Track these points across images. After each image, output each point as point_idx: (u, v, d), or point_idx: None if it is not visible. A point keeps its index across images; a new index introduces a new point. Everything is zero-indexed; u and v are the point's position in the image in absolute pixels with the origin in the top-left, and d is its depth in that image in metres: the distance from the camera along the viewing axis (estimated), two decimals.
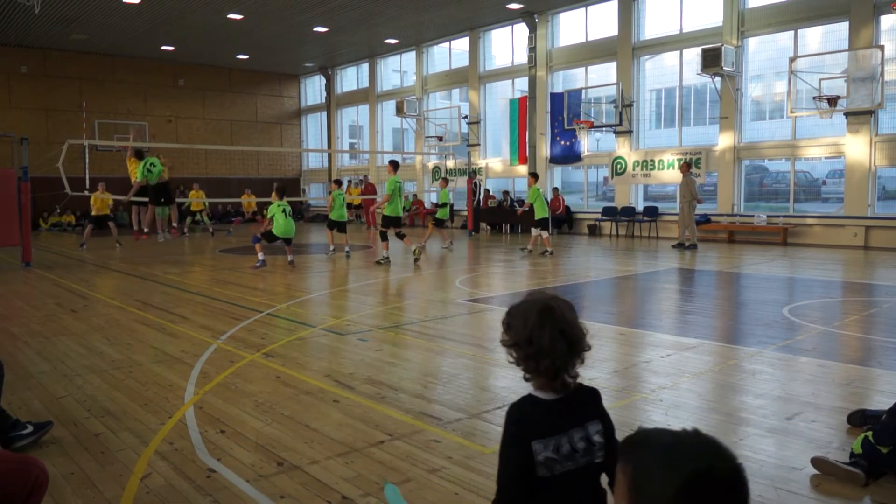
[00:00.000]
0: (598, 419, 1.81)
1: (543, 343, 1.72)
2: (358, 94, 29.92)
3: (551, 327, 1.74)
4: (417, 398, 4.72)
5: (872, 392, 4.86)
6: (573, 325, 1.76)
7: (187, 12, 20.69)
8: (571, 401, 1.78)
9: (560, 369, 1.74)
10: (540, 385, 1.78)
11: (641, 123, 19.74)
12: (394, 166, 13.27)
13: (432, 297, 9.33)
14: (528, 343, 1.74)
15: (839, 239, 15.74)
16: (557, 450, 1.72)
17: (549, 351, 1.72)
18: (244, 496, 3.26)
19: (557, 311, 1.78)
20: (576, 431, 1.76)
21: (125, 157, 16.15)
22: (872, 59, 14.40)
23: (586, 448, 1.75)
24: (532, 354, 1.73)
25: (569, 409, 1.77)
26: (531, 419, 1.74)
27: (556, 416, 1.75)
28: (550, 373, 1.74)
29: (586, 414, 1.79)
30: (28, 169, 13.08)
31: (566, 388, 1.78)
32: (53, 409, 4.55)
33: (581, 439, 1.75)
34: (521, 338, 1.76)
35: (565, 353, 1.73)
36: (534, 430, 1.72)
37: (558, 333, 1.73)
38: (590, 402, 1.82)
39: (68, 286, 10.56)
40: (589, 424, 1.78)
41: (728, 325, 7.46)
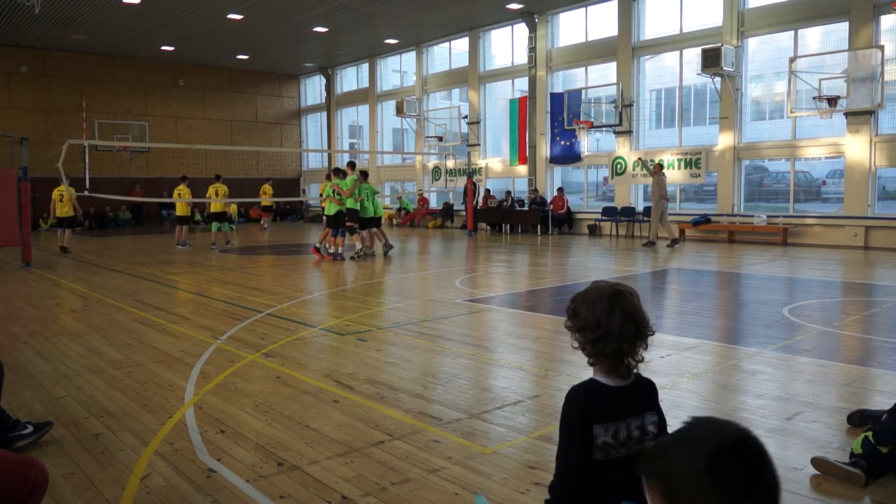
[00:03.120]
0: (655, 411, 1.86)
1: (613, 326, 1.77)
2: (358, 94, 29.92)
3: (621, 311, 1.79)
4: (417, 398, 4.72)
5: (872, 392, 4.86)
6: (639, 309, 1.82)
7: (187, 12, 20.69)
8: (632, 389, 1.82)
9: (626, 353, 1.79)
10: (605, 370, 1.81)
11: (641, 123, 19.73)
12: (351, 166, 13.98)
13: (432, 297, 9.33)
14: (596, 326, 1.79)
15: (839, 239, 15.73)
16: (616, 435, 1.75)
17: (617, 334, 1.77)
18: (244, 496, 3.26)
19: (626, 296, 1.83)
20: (633, 420, 1.80)
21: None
22: (872, 59, 14.40)
23: (639, 437, 1.79)
24: (600, 337, 1.78)
25: (629, 397, 1.81)
26: (594, 403, 1.78)
27: (618, 403, 1.78)
28: (617, 356, 1.78)
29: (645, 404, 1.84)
30: (28, 169, 13.08)
31: (629, 375, 1.82)
32: (53, 410, 4.55)
33: (637, 428, 1.79)
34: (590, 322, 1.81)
35: (633, 337, 1.78)
36: (596, 413, 1.76)
37: (627, 317, 1.78)
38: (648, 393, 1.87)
39: (68, 286, 10.57)
40: (646, 414, 1.84)
41: (728, 325, 7.46)
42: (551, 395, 4.79)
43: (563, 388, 4.90)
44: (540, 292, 9.81)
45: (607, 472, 1.75)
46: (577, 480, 1.74)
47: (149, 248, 17.18)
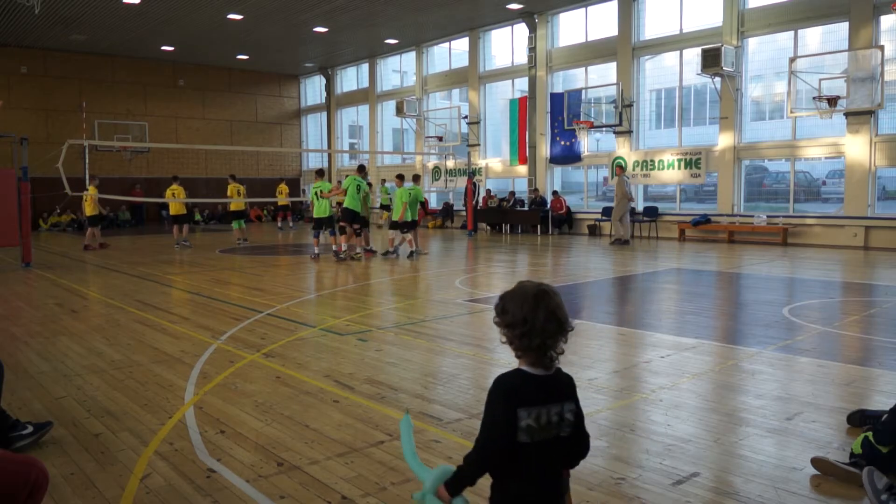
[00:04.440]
0: (573, 401, 2.05)
1: (538, 323, 1.95)
2: (358, 95, 29.93)
3: (545, 309, 1.97)
4: (417, 398, 4.72)
5: (872, 392, 4.86)
6: (561, 307, 2.01)
7: (187, 12, 20.69)
8: (553, 379, 2.03)
9: (549, 347, 1.99)
10: (530, 362, 2.01)
11: (641, 124, 19.74)
12: (360, 170, 14.32)
13: (432, 297, 9.33)
14: (523, 323, 1.96)
15: (839, 239, 15.74)
16: (538, 419, 1.95)
17: (541, 330, 1.95)
18: (244, 496, 3.26)
19: (550, 296, 2.02)
20: (553, 406, 1.99)
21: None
22: (872, 60, 14.40)
23: (558, 422, 1.98)
24: (526, 332, 1.96)
25: (551, 386, 2.01)
26: (519, 388, 1.97)
27: (540, 390, 1.98)
28: (541, 350, 1.97)
29: (564, 393, 2.03)
30: (28, 169, 13.08)
31: (551, 366, 2.02)
32: (53, 410, 4.55)
33: (556, 414, 1.98)
34: (518, 319, 1.98)
35: (555, 332, 1.98)
36: (521, 398, 1.95)
37: (551, 314, 1.97)
38: (567, 385, 2.07)
39: (68, 286, 10.57)
40: (565, 403, 2.02)
41: (728, 325, 7.46)
42: None
43: None
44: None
45: (530, 453, 1.95)
46: (493, 457, 1.95)
47: (149, 248, 17.19)
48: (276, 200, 24.68)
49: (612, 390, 4.86)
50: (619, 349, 6.36)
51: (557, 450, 2.00)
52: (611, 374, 5.30)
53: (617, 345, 6.55)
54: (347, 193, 13.73)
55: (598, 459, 3.61)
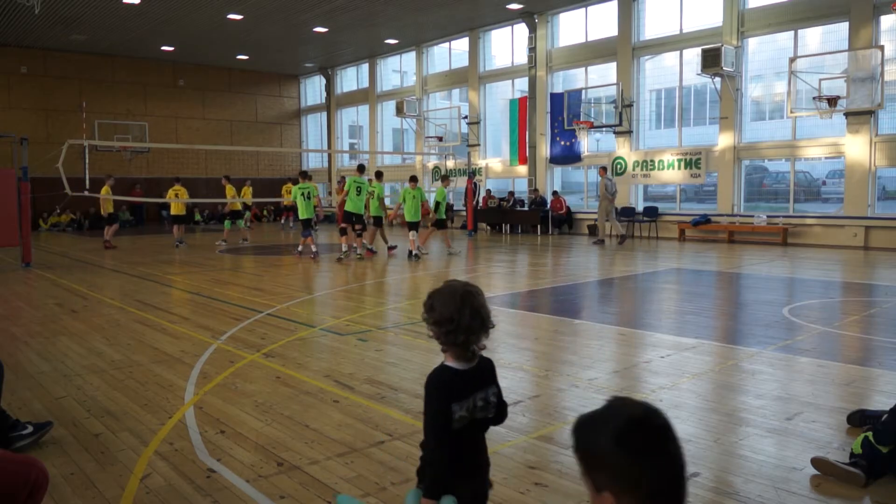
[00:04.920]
0: (494, 384, 2.27)
1: (463, 321, 2.11)
2: (358, 95, 29.92)
3: (470, 308, 2.12)
4: (417, 398, 4.72)
5: (872, 392, 4.86)
6: (484, 306, 2.16)
7: (187, 12, 20.69)
8: (476, 370, 2.21)
9: (472, 342, 2.16)
10: (454, 356, 2.17)
11: (641, 124, 19.73)
12: (359, 170, 14.50)
13: None
14: (449, 321, 2.11)
15: (839, 239, 15.73)
16: (468, 409, 2.16)
17: (466, 327, 2.11)
18: (244, 496, 3.26)
19: (474, 295, 2.16)
20: (479, 393, 2.20)
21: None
22: (872, 60, 14.39)
23: (484, 406, 2.21)
24: (452, 330, 2.11)
25: (475, 376, 2.20)
26: (449, 385, 2.15)
27: (467, 383, 2.17)
28: (465, 345, 2.14)
29: (487, 380, 2.24)
30: (28, 169, 13.08)
31: (474, 359, 2.20)
32: (53, 410, 4.55)
33: (482, 399, 2.20)
34: (444, 316, 2.13)
35: (478, 329, 2.14)
36: (453, 394, 2.14)
37: (475, 313, 2.13)
38: (489, 371, 2.26)
39: (68, 286, 10.57)
40: (489, 388, 2.24)
41: (728, 325, 7.46)
42: (551, 396, 4.79)
43: (563, 388, 4.91)
44: (540, 292, 9.81)
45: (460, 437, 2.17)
46: (445, 444, 2.15)
47: (149, 248, 17.19)
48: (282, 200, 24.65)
49: (612, 390, 4.86)
50: (619, 349, 6.36)
51: (484, 427, 2.29)
52: (611, 374, 5.30)
53: (617, 345, 6.55)
54: (348, 195, 13.95)
55: None
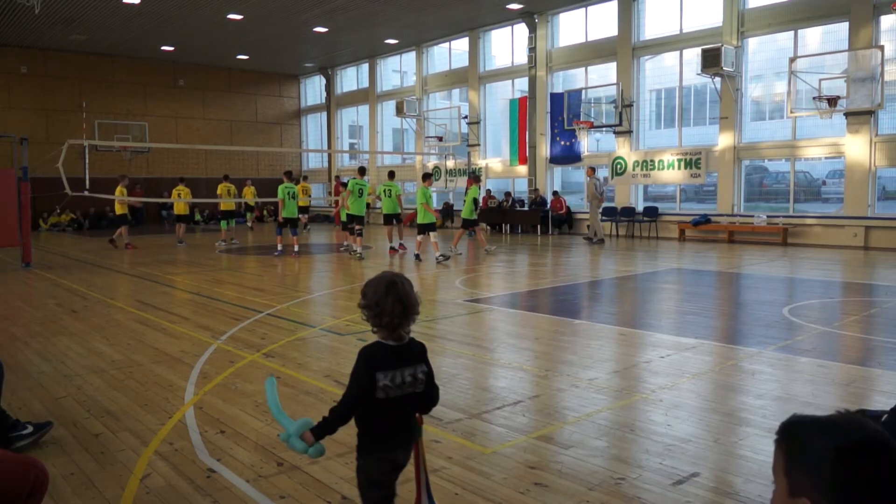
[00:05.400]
0: (424, 364, 2.53)
1: (387, 306, 2.42)
2: (358, 95, 29.92)
3: (394, 295, 2.42)
4: None
5: (872, 392, 4.86)
6: (409, 295, 2.45)
7: (187, 12, 20.69)
8: (406, 348, 2.50)
9: (398, 325, 2.45)
10: (384, 336, 2.48)
11: (641, 123, 19.73)
12: (360, 172, 14.91)
13: (432, 297, 9.33)
14: (376, 306, 2.44)
15: (839, 239, 15.73)
16: (393, 380, 2.42)
17: (390, 312, 2.42)
18: (244, 496, 3.26)
19: (399, 285, 2.46)
20: (407, 369, 2.47)
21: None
22: (872, 60, 14.39)
23: (412, 382, 2.47)
24: (378, 314, 2.44)
25: (404, 354, 2.49)
26: (377, 356, 2.45)
27: (394, 357, 2.46)
28: (391, 327, 2.45)
29: (416, 359, 2.51)
30: (28, 169, 13.08)
31: (403, 339, 2.49)
32: (53, 410, 4.55)
33: (409, 375, 2.47)
34: (372, 302, 2.44)
35: (402, 314, 2.43)
36: (378, 363, 2.43)
37: (398, 300, 2.42)
38: (418, 352, 2.54)
39: (68, 286, 10.57)
40: (417, 366, 2.50)
41: (728, 325, 7.46)
42: (551, 396, 4.79)
43: (564, 388, 4.91)
44: (540, 292, 9.81)
45: (387, 407, 2.43)
46: (354, 409, 2.46)
47: (149, 248, 17.18)
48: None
49: (612, 390, 4.86)
50: (619, 349, 6.36)
51: (412, 402, 2.51)
52: (611, 374, 5.30)
53: (617, 345, 6.55)
54: (351, 197, 14.27)
55: (598, 459, 3.61)
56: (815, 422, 1.20)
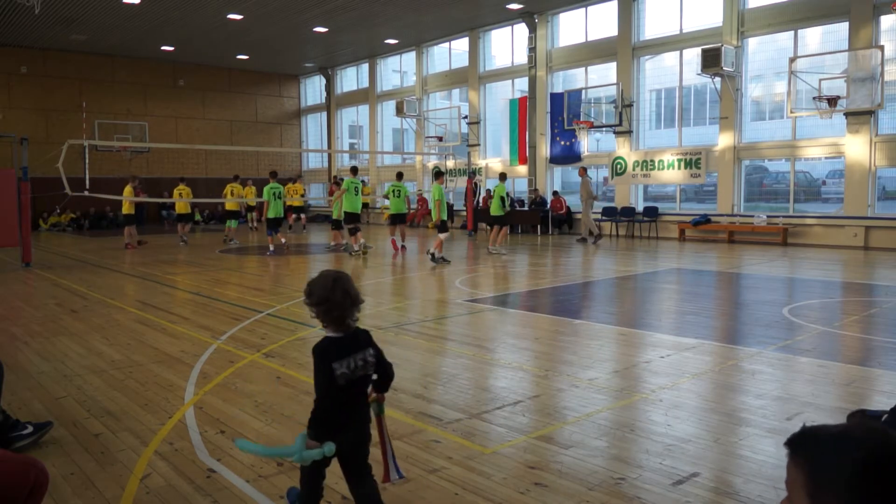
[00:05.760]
0: (371, 347, 2.80)
1: (336, 300, 2.67)
2: (358, 95, 29.92)
3: (341, 290, 2.68)
4: (417, 398, 4.72)
5: (872, 392, 4.86)
6: (353, 288, 2.74)
7: (187, 12, 20.69)
8: (353, 336, 2.76)
9: (346, 317, 2.72)
10: (333, 329, 2.74)
11: (641, 124, 19.73)
12: (353, 171, 15.44)
13: (432, 297, 9.33)
14: (325, 301, 2.67)
15: (839, 239, 15.73)
16: (348, 367, 2.68)
17: (339, 305, 2.68)
18: (244, 496, 3.26)
19: (343, 280, 2.73)
20: (357, 354, 2.73)
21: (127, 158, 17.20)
22: (872, 60, 14.39)
23: (364, 365, 2.74)
24: (328, 309, 2.68)
25: (352, 342, 2.75)
26: (330, 349, 2.69)
27: (345, 346, 2.71)
28: (340, 320, 2.71)
29: (363, 344, 2.78)
30: (28, 169, 13.08)
31: (349, 329, 2.75)
32: (53, 410, 4.55)
33: (360, 359, 2.73)
34: (321, 298, 2.68)
35: (349, 307, 2.71)
36: (333, 356, 2.67)
37: (345, 293, 2.69)
38: (365, 337, 2.82)
39: (68, 286, 10.57)
40: (366, 350, 2.77)
41: (728, 325, 7.46)
42: (551, 396, 4.79)
43: (564, 388, 4.91)
44: (540, 292, 9.81)
45: (345, 389, 2.69)
46: (331, 398, 2.69)
47: (149, 248, 17.18)
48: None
49: (612, 390, 4.86)
50: (619, 349, 6.36)
51: (365, 384, 2.79)
52: (611, 374, 5.30)
53: (617, 345, 6.55)
54: (346, 195, 14.59)
55: (598, 459, 3.61)
56: (834, 436, 1.15)
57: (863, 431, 1.14)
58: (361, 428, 2.79)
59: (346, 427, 2.72)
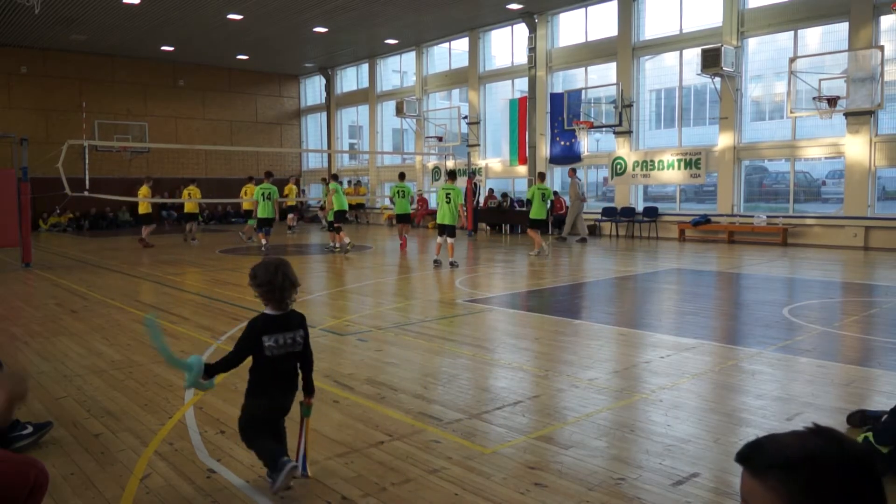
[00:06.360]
0: (302, 329, 3.33)
1: (277, 283, 3.19)
2: (358, 95, 29.92)
3: (282, 274, 3.20)
4: (417, 398, 4.72)
5: (872, 392, 4.86)
6: (292, 273, 3.26)
7: (187, 12, 20.69)
8: (287, 316, 3.28)
9: (285, 297, 3.24)
10: (272, 308, 3.25)
11: (641, 124, 19.73)
12: (334, 178, 16.48)
13: (432, 297, 9.33)
14: (268, 283, 3.19)
15: (839, 239, 15.73)
16: (276, 342, 3.21)
17: (280, 287, 3.20)
18: (244, 496, 3.26)
19: (284, 265, 3.24)
20: (288, 333, 3.26)
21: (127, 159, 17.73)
22: (872, 60, 14.39)
23: (292, 343, 3.27)
24: (270, 290, 3.21)
25: (286, 321, 3.27)
26: (263, 323, 3.23)
27: (278, 324, 3.25)
28: (279, 300, 3.23)
29: (295, 325, 3.30)
30: (28, 169, 13.08)
31: (286, 308, 3.27)
32: (53, 410, 4.55)
33: (290, 338, 3.26)
34: (264, 281, 3.20)
35: (288, 288, 3.23)
36: (264, 330, 3.21)
37: (285, 277, 3.21)
38: (297, 319, 3.32)
39: (68, 286, 10.57)
40: (297, 331, 3.29)
41: (728, 325, 7.46)
42: (551, 396, 4.79)
43: (564, 389, 4.91)
44: (540, 292, 9.81)
45: (273, 362, 3.23)
46: (235, 363, 3.23)
47: (149, 249, 17.18)
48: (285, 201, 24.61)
49: (612, 390, 4.86)
50: (619, 349, 6.36)
51: (293, 359, 3.32)
52: (611, 374, 5.30)
53: (617, 345, 6.55)
54: (335, 196, 15.36)
55: (597, 459, 3.61)
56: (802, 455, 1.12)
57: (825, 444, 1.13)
58: (285, 396, 3.32)
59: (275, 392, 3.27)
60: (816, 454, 1.12)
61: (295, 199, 24.44)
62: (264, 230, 15.84)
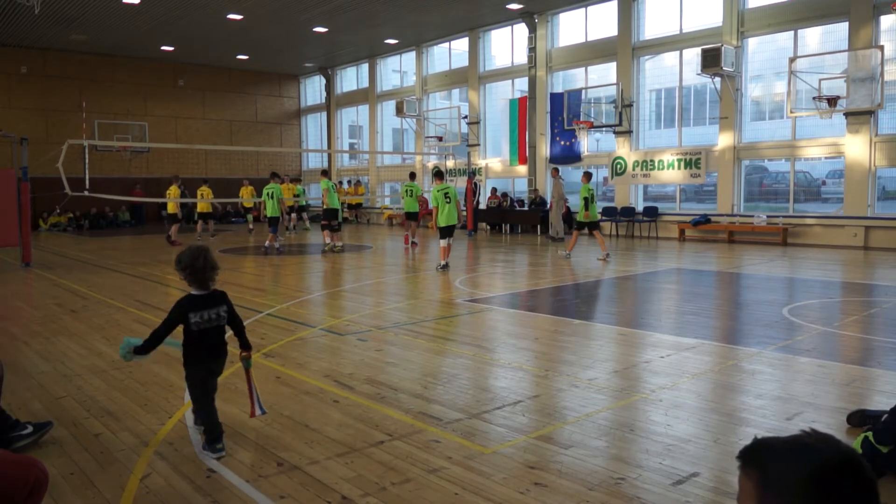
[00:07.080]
0: (225, 305, 3.83)
1: (199, 265, 3.69)
2: (358, 95, 29.92)
3: (203, 259, 3.70)
4: (417, 398, 4.72)
5: (872, 392, 4.86)
6: (212, 258, 3.75)
7: (187, 12, 20.69)
8: (210, 295, 3.78)
9: (207, 279, 3.73)
10: (195, 288, 3.74)
11: (641, 124, 19.73)
12: (323, 173, 16.36)
13: (432, 297, 9.33)
14: (191, 267, 3.68)
15: (839, 239, 15.74)
16: (202, 317, 3.72)
17: (201, 270, 3.70)
18: (244, 496, 3.26)
19: (206, 251, 3.74)
20: (211, 309, 3.76)
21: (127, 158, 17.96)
22: (872, 60, 14.40)
23: (217, 318, 3.79)
24: (192, 273, 3.69)
25: (209, 299, 3.77)
26: (189, 302, 3.71)
27: (202, 302, 3.75)
28: (202, 281, 3.73)
29: (217, 302, 3.80)
30: (28, 169, 13.08)
31: (208, 288, 3.77)
32: (53, 410, 4.55)
33: (214, 313, 3.77)
34: (188, 265, 3.68)
35: (209, 271, 3.73)
36: (189, 308, 3.70)
37: (205, 261, 3.70)
38: (220, 297, 3.82)
39: (68, 286, 10.56)
40: (219, 307, 3.79)
41: (728, 325, 7.46)
42: (551, 396, 4.79)
43: (564, 388, 4.91)
44: (540, 292, 9.81)
45: (200, 336, 3.74)
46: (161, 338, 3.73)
47: (149, 248, 17.18)
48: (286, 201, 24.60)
49: (612, 390, 4.86)
50: (619, 349, 6.36)
51: (219, 331, 3.82)
52: (611, 374, 5.30)
53: (617, 345, 6.55)
54: (328, 195, 15.69)
55: (598, 459, 3.61)
56: (786, 445, 1.14)
57: (815, 440, 1.14)
58: (216, 361, 3.87)
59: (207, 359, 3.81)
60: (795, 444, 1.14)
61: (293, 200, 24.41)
62: (272, 230, 15.91)
